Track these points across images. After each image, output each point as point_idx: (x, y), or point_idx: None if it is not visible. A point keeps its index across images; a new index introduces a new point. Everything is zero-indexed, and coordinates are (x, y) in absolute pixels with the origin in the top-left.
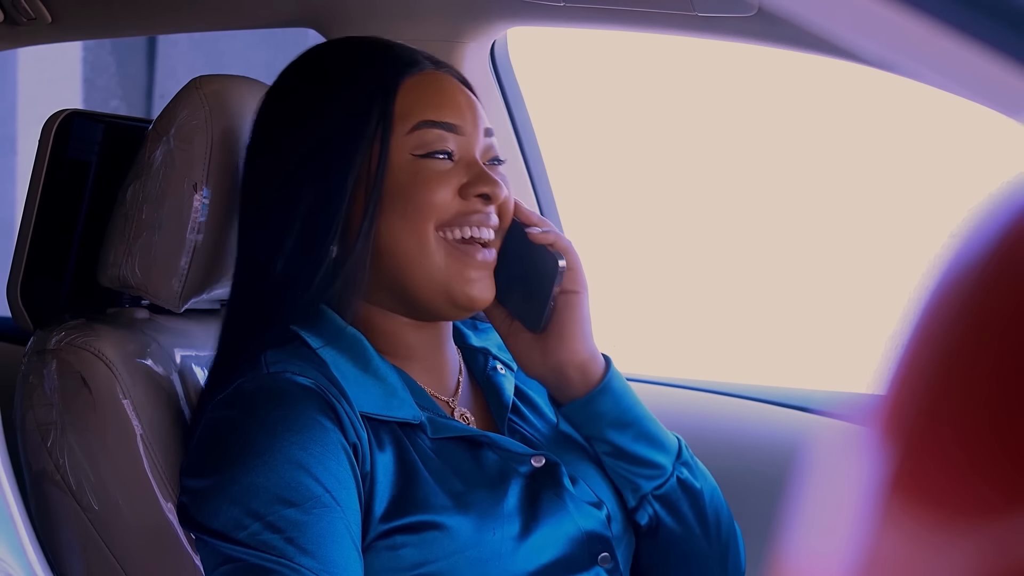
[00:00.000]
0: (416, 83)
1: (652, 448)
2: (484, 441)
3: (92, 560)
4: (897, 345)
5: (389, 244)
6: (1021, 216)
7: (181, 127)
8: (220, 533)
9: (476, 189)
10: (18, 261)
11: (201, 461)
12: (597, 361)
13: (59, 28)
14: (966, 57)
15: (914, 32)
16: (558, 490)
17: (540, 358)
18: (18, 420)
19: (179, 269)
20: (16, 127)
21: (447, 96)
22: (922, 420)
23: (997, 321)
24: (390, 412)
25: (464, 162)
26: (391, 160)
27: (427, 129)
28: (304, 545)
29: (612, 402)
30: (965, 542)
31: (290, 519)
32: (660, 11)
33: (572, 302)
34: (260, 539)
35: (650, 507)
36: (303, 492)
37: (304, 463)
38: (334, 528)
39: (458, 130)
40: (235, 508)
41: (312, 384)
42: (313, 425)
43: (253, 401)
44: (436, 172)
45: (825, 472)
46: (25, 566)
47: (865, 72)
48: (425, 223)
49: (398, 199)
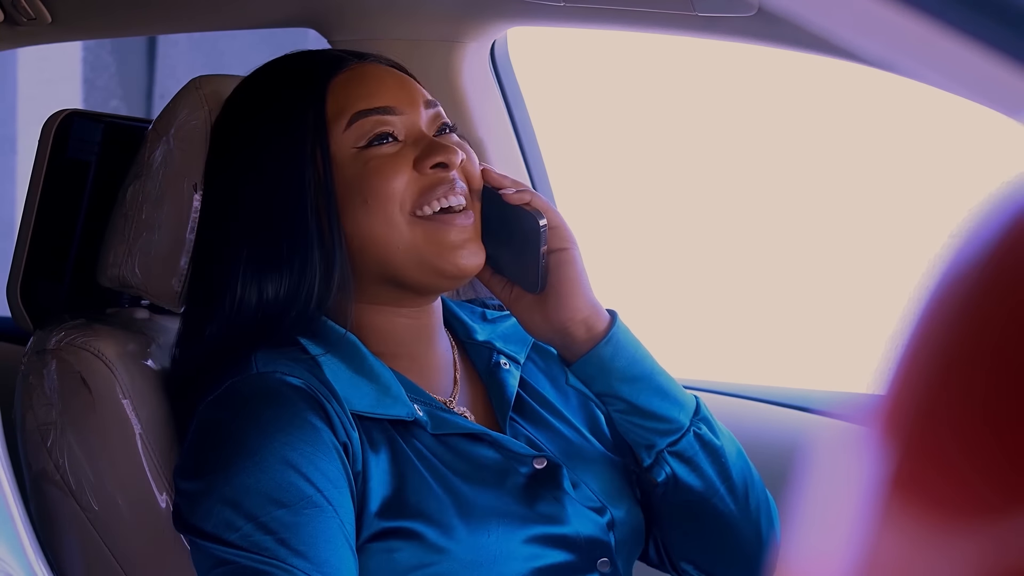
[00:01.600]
0: (343, 80)
1: (665, 402)
2: (485, 438)
3: (92, 560)
4: (897, 345)
5: (362, 239)
6: (1021, 216)
7: (181, 127)
8: (212, 535)
9: (430, 160)
10: (18, 261)
11: (192, 463)
12: (600, 315)
13: (59, 28)
14: (966, 57)
15: (914, 32)
16: (557, 493)
17: (543, 320)
18: (18, 420)
19: (179, 269)
20: (16, 127)
21: (375, 82)
22: (922, 420)
23: (996, 321)
24: (383, 410)
25: (411, 139)
26: (337, 160)
27: (362, 120)
28: (296, 546)
29: (620, 354)
30: (965, 542)
31: (281, 520)
32: (660, 11)
33: (563, 259)
34: (252, 540)
35: (667, 464)
36: (294, 493)
37: (295, 463)
38: (326, 528)
39: (394, 110)
40: (226, 509)
41: (302, 384)
42: (303, 425)
43: (243, 402)
44: (384, 157)
45: (825, 472)
46: (25, 566)
47: (865, 72)
48: (390, 208)
49: (356, 193)
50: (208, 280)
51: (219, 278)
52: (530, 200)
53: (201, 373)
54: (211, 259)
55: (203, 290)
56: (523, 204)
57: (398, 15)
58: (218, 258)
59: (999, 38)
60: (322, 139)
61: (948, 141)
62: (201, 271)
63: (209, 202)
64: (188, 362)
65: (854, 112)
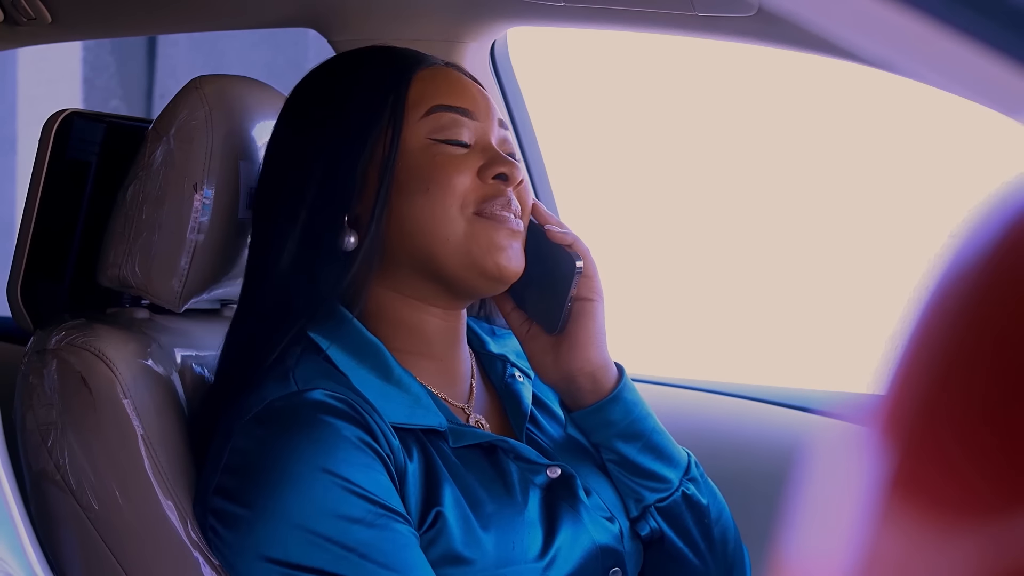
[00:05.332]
0: (429, 74)
1: (659, 461)
2: (503, 447)
3: (92, 560)
4: (897, 345)
5: (412, 225)
6: (1021, 216)
7: (181, 127)
8: (290, 563)
9: (494, 170)
10: (18, 261)
11: (238, 485)
12: (610, 370)
13: (59, 28)
14: (966, 57)
15: (914, 32)
16: (573, 502)
17: (553, 364)
18: (18, 420)
19: (179, 269)
20: (16, 127)
21: (460, 84)
22: (922, 420)
23: (997, 321)
24: (416, 420)
25: (480, 147)
26: (407, 144)
27: (442, 113)
28: (378, 558)
29: (622, 412)
30: (965, 542)
31: (358, 536)
32: (660, 11)
33: (587, 310)
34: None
35: (652, 519)
36: (361, 508)
37: (353, 479)
38: (399, 536)
39: (472, 115)
40: (298, 532)
41: (343, 400)
42: (353, 441)
43: (288, 422)
44: (453, 156)
45: (825, 472)
46: (25, 566)
47: (865, 72)
48: (448, 200)
49: (418, 180)
50: (262, 259)
51: (268, 261)
52: (572, 243)
53: (223, 376)
54: (266, 237)
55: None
56: (565, 245)
57: (398, 15)
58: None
59: (999, 38)
60: (397, 120)
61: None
62: (255, 252)
63: (270, 176)
64: (232, 358)
65: (854, 112)
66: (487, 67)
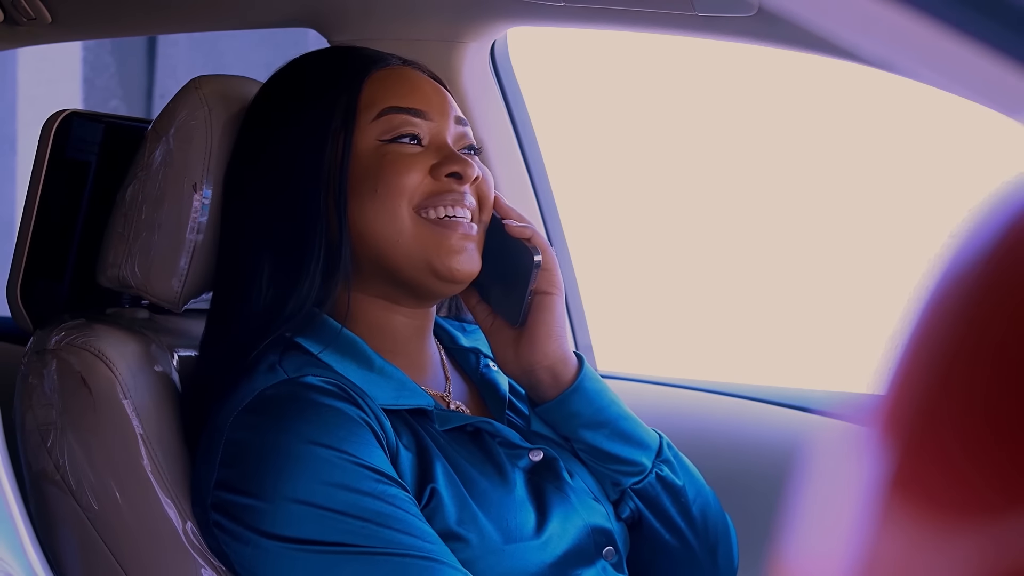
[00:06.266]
0: (383, 76)
1: (628, 446)
2: (488, 430)
3: (92, 560)
4: (897, 345)
5: (364, 228)
6: (1021, 216)
7: (181, 127)
8: (299, 539)
9: (446, 168)
10: (18, 261)
11: (241, 474)
12: (568, 364)
13: (59, 28)
14: (966, 57)
15: (914, 32)
16: (559, 483)
17: (514, 358)
18: (18, 420)
19: (179, 269)
20: (16, 127)
21: (413, 85)
22: (922, 420)
23: (997, 321)
24: (404, 401)
25: (434, 146)
26: (358, 148)
27: (392, 115)
28: (397, 526)
29: (584, 403)
30: (965, 542)
31: (370, 507)
32: (660, 11)
33: (545, 304)
34: (352, 531)
35: (631, 501)
36: (369, 481)
37: (359, 454)
38: (411, 504)
39: (425, 115)
40: (307, 509)
41: (336, 384)
42: (349, 421)
43: (284, 406)
44: (404, 155)
45: (825, 472)
46: (25, 566)
47: (865, 72)
48: (397, 202)
49: (368, 182)
50: (232, 275)
51: (242, 272)
52: (531, 237)
53: (219, 375)
54: (234, 254)
55: (228, 286)
56: (523, 239)
57: (398, 15)
58: (241, 251)
59: (999, 38)
60: (348, 125)
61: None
62: (225, 268)
63: (232, 193)
64: (212, 363)
65: (854, 112)
66: (487, 67)
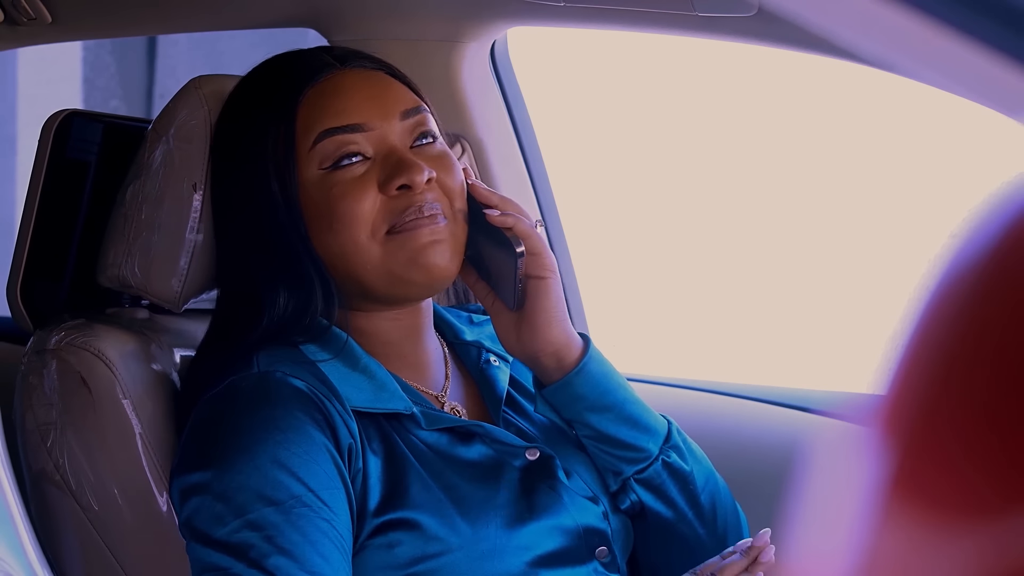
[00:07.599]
0: (317, 92)
1: (635, 431)
2: (477, 432)
3: (92, 560)
4: (897, 345)
5: (331, 260)
6: (1021, 216)
7: (180, 127)
8: (201, 532)
9: (393, 183)
10: (18, 261)
11: (187, 459)
12: (572, 346)
13: (59, 28)
14: (966, 57)
15: (914, 32)
16: (553, 483)
17: (516, 341)
18: (18, 420)
19: (179, 269)
20: (16, 127)
21: (346, 96)
22: (923, 420)
23: (997, 321)
24: (380, 404)
25: (380, 155)
26: (304, 180)
27: (329, 138)
28: (282, 544)
29: (589, 385)
30: (965, 542)
31: (269, 518)
32: (660, 11)
33: (540, 288)
34: (238, 537)
35: (633, 492)
36: (285, 491)
37: (287, 463)
38: (316, 528)
39: (362, 127)
40: (217, 504)
41: (303, 386)
42: (299, 426)
43: (241, 399)
44: (349, 180)
45: (825, 472)
46: (25, 566)
47: (865, 72)
48: (355, 234)
49: (323, 219)
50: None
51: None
52: (512, 225)
53: (216, 374)
54: (225, 267)
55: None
56: (504, 228)
57: (398, 15)
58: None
59: (999, 38)
60: (289, 159)
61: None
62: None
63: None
64: (209, 363)
65: (854, 112)
66: (487, 67)
